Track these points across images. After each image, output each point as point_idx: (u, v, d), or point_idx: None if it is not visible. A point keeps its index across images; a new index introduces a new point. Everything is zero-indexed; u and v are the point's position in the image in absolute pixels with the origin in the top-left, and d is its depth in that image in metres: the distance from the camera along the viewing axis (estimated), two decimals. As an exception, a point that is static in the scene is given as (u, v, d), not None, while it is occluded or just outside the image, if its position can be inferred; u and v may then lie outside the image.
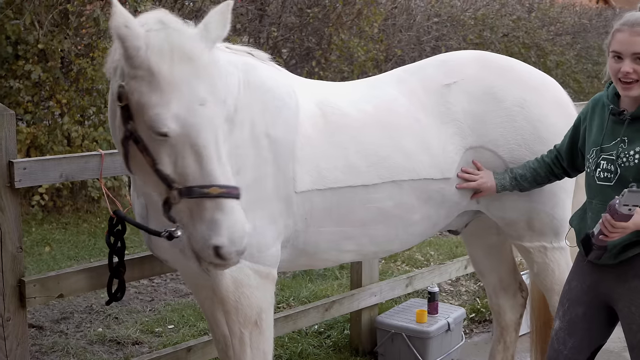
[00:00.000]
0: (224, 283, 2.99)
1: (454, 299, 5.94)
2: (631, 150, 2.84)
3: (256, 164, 2.98)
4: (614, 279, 2.95)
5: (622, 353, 5.14)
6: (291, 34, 9.16)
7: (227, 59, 3.01)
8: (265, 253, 3.02)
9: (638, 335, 2.93)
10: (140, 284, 6.01)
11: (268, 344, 3.11)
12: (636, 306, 2.90)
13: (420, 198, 3.33)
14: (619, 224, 2.68)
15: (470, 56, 3.62)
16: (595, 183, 2.95)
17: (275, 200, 3.02)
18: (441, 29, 11.25)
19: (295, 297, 5.64)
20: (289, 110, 3.10)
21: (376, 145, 3.24)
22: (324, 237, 3.21)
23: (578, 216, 3.09)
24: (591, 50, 14.32)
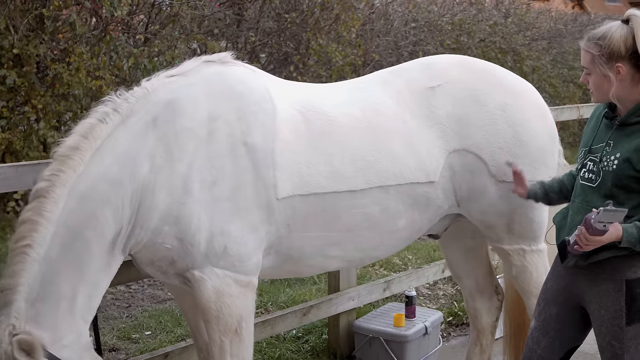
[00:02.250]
0: (206, 293, 2.99)
1: (431, 302, 5.97)
2: (612, 155, 2.88)
3: (234, 174, 2.97)
4: (586, 281, 2.99)
5: (597, 355, 5.18)
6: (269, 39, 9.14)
7: (168, 90, 3.01)
8: (246, 262, 3.03)
9: (607, 337, 2.98)
10: (117, 290, 5.98)
11: (248, 352, 3.13)
12: (605, 309, 2.94)
13: (406, 202, 3.34)
14: (593, 237, 2.73)
15: (453, 60, 3.65)
16: (579, 183, 3.01)
17: (255, 209, 3.02)
18: (419, 34, 11.28)
19: (273, 302, 5.64)
20: (265, 115, 3.09)
21: (364, 150, 3.23)
22: (309, 242, 3.21)
23: (561, 214, 3.12)
24: (567, 55, 14.43)
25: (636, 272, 2.89)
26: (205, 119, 2.97)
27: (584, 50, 2.91)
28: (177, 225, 2.91)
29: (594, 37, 2.88)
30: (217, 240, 2.95)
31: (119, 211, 2.84)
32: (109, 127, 2.91)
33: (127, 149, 2.89)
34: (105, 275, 2.90)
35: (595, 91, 2.93)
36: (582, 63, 2.94)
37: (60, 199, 2.76)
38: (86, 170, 2.82)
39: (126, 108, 2.96)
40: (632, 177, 2.83)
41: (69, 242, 2.77)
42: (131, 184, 2.87)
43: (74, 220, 2.78)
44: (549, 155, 3.60)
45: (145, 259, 3.04)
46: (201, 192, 2.91)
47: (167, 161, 2.92)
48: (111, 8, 5.91)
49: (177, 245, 2.94)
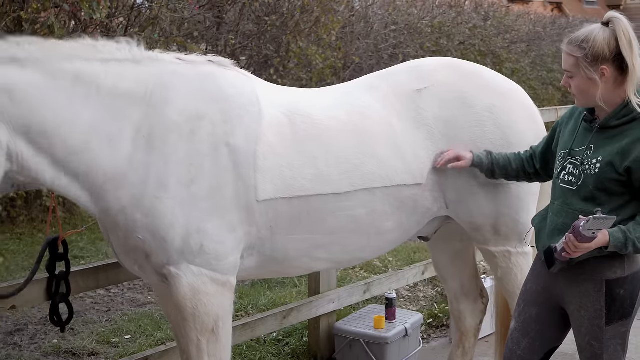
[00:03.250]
0: (182, 290, 2.99)
1: (412, 304, 5.98)
2: (594, 159, 2.88)
3: (214, 173, 2.97)
4: (566, 281, 3.00)
5: (576, 356, 5.21)
6: (249, 42, 9.14)
7: (170, 71, 3.02)
8: (223, 261, 3.03)
9: (587, 338, 3.00)
10: (97, 294, 5.95)
11: (225, 352, 3.12)
12: (585, 309, 2.96)
13: (393, 205, 3.35)
14: (582, 244, 2.74)
15: (441, 62, 3.66)
16: (558, 185, 3.01)
17: (234, 209, 3.02)
18: (398, 36, 11.33)
19: (253, 305, 5.63)
20: (250, 118, 3.10)
21: (349, 153, 3.24)
22: (293, 245, 3.21)
23: (540, 216, 3.13)
24: (545, 58, 14.55)
25: (616, 273, 2.91)
26: (191, 116, 2.98)
27: (567, 54, 2.89)
28: (149, 217, 2.90)
29: (576, 40, 2.87)
30: (193, 237, 2.94)
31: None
32: (120, 54, 2.95)
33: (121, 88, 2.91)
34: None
35: (579, 95, 2.91)
36: (564, 66, 2.91)
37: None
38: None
39: (139, 54, 3.00)
40: (614, 180, 2.84)
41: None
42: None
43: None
44: None
45: (120, 246, 3.03)
46: (178, 189, 2.91)
47: (147, 144, 2.91)
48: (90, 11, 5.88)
49: (149, 239, 2.93)
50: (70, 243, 6.79)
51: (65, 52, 2.83)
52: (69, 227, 7.27)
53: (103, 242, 7.09)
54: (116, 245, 3.07)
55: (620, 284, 2.92)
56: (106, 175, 2.87)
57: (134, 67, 2.96)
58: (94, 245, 7.07)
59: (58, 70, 2.78)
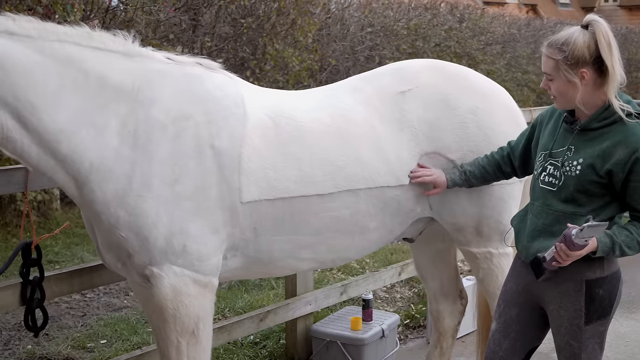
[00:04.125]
0: (163, 290, 2.99)
1: (389, 305, 6.00)
2: (574, 160, 2.90)
3: (198, 174, 2.98)
4: (545, 282, 3.01)
5: (551, 354, 5.25)
6: (225, 44, 9.11)
7: (158, 70, 3.02)
8: (205, 262, 3.03)
9: (566, 337, 3.02)
10: (72, 299, 5.91)
11: (205, 355, 3.12)
12: (565, 309, 2.99)
13: (377, 206, 3.37)
14: (573, 252, 2.76)
15: (424, 64, 3.68)
16: (538, 186, 3.02)
17: (218, 210, 3.03)
18: (375, 38, 11.35)
19: (230, 308, 5.61)
20: (235, 121, 3.11)
21: (333, 154, 3.26)
22: (278, 246, 3.23)
23: (519, 217, 3.16)
24: (520, 59, 14.65)
25: (595, 273, 2.94)
26: (176, 116, 2.99)
27: (547, 56, 2.90)
28: (132, 216, 2.90)
29: (556, 42, 2.87)
30: (176, 238, 2.94)
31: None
32: (114, 46, 2.97)
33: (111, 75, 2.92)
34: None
35: (559, 97, 2.92)
36: (544, 69, 2.92)
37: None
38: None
39: (132, 49, 3.03)
40: (595, 182, 2.86)
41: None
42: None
43: None
44: None
45: (103, 242, 3.02)
46: (161, 189, 2.92)
47: (133, 140, 2.91)
48: (64, 13, 5.84)
49: (132, 238, 2.92)
50: (45, 248, 6.78)
51: (59, 34, 2.84)
52: (44, 231, 7.21)
53: (78, 246, 7.05)
54: (100, 240, 3.05)
55: (599, 284, 2.95)
56: (92, 165, 2.87)
57: (124, 61, 2.97)
58: (69, 249, 7.01)
59: (49, 50, 2.79)
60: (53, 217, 7.83)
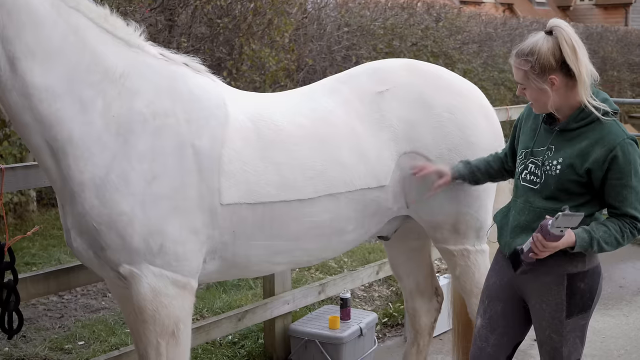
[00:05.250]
0: (142, 291, 2.98)
1: (367, 304, 6.02)
2: (554, 160, 2.96)
3: (177, 173, 2.97)
4: (527, 276, 3.06)
5: (529, 351, 5.31)
6: (202, 45, 9.09)
7: (146, 63, 3.04)
8: (184, 263, 3.02)
9: (547, 331, 3.07)
10: (50, 300, 5.87)
11: (184, 356, 3.11)
12: (547, 303, 3.04)
13: (357, 209, 3.39)
14: (549, 243, 2.80)
15: (399, 64, 3.70)
16: (520, 184, 3.09)
17: (197, 211, 3.02)
18: (351, 38, 11.37)
19: (209, 308, 5.61)
20: (216, 121, 3.11)
21: (313, 159, 3.26)
22: (255, 251, 3.22)
23: (501, 212, 3.22)
24: (497, 59, 14.71)
25: (577, 267, 2.99)
26: (158, 112, 2.99)
27: (515, 67, 2.97)
28: (107, 209, 2.89)
29: (522, 53, 2.93)
30: (153, 237, 2.93)
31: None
32: (120, 33, 3.02)
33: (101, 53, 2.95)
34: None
35: (535, 103, 2.99)
36: (516, 79, 2.99)
37: None
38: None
39: (134, 40, 3.07)
40: (575, 182, 2.92)
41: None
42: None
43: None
44: None
45: (75, 224, 2.99)
46: (139, 185, 2.91)
47: (115, 127, 2.92)
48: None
49: (105, 230, 2.91)
50: (22, 249, 6.74)
51: (80, 3, 2.92)
52: (20, 233, 7.15)
53: (55, 248, 7.01)
54: (71, 221, 3.02)
55: (580, 278, 3.00)
56: (71, 137, 2.87)
57: (122, 48, 3.01)
58: (46, 251, 6.97)
59: (66, 13, 2.86)
60: (29, 219, 7.77)
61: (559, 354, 3.07)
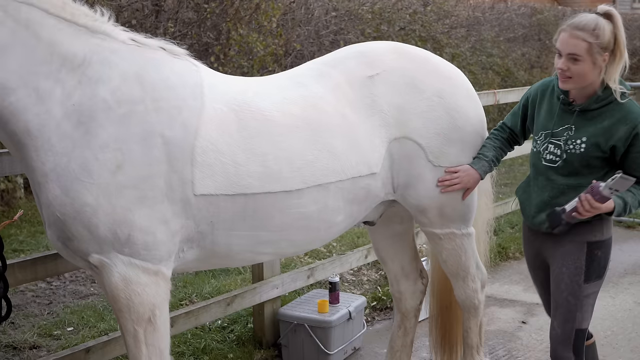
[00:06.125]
0: (113, 281, 2.96)
1: (356, 288, 6.04)
2: (578, 139, 3.23)
3: (145, 162, 2.91)
4: (552, 243, 3.38)
5: (516, 333, 5.35)
6: (189, 30, 9.06)
7: (113, 49, 2.98)
8: (153, 252, 2.98)
9: (565, 293, 3.34)
10: (38, 287, 5.87)
11: (164, 341, 3.09)
12: (567, 267, 3.33)
13: (346, 198, 3.36)
14: (597, 204, 3.06)
15: (388, 47, 3.66)
16: (541, 164, 3.35)
17: (167, 201, 2.97)
18: (339, 23, 11.34)
19: (198, 293, 5.62)
20: (189, 112, 3.03)
21: (302, 149, 3.21)
22: (236, 241, 3.18)
23: (522, 188, 3.52)
24: (485, 43, 14.71)
25: (596, 236, 3.30)
26: (123, 99, 2.92)
27: (578, 39, 3.12)
28: (69, 198, 2.85)
29: (587, 27, 3.12)
30: (120, 227, 2.89)
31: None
32: (82, 20, 2.96)
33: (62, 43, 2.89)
34: None
35: (578, 78, 3.16)
36: (572, 50, 3.13)
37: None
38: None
39: (99, 26, 3.00)
40: (598, 158, 3.22)
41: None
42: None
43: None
44: (480, 139, 3.69)
45: (43, 212, 2.97)
46: (102, 175, 2.85)
47: (77, 116, 2.86)
48: None
49: (69, 221, 2.87)
50: (9, 236, 6.72)
51: None
52: (6, 219, 7.14)
53: (43, 235, 6.99)
54: (41, 212, 3.00)
55: (598, 246, 3.31)
56: (28, 129, 2.83)
57: (84, 35, 2.94)
58: (34, 238, 6.96)
59: (13, 9, 2.79)
60: (17, 205, 7.75)
61: (573, 317, 3.33)
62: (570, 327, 3.34)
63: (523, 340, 5.24)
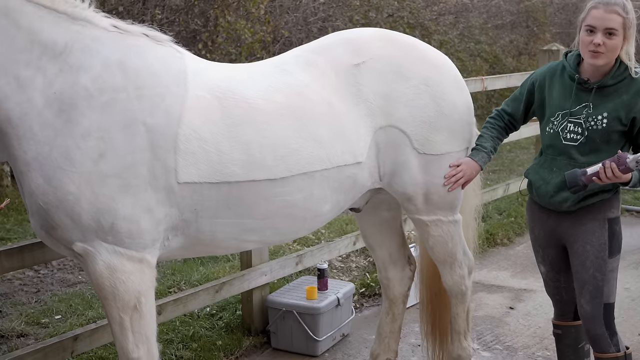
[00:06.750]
0: (98, 269, 2.95)
1: (344, 275, 6.05)
2: (598, 115, 3.32)
3: (128, 151, 2.90)
4: (571, 222, 3.46)
5: (504, 318, 5.38)
6: (176, 16, 9.02)
7: (94, 36, 2.95)
8: (137, 240, 2.97)
9: (591, 270, 3.43)
10: (26, 275, 5.85)
11: (150, 328, 3.08)
12: (591, 244, 3.42)
13: (332, 187, 3.34)
14: (620, 173, 3.13)
15: (374, 34, 3.64)
16: (561, 143, 3.41)
17: (150, 189, 2.95)
18: (327, 9, 11.32)
19: (186, 281, 5.61)
20: (172, 99, 3.01)
21: (287, 137, 3.19)
22: (221, 228, 3.17)
23: (533, 169, 3.55)
24: (473, 30, 14.71)
25: (614, 212, 3.44)
26: (105, 87, 2.89)
27: (615, 13, 3.22)
28: (52, 187, 2.84)
29: (618, 3, 3.25)
30: (104, 216, 2.88)
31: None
32: (62, 7, 2.93)
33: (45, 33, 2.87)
34: None
35: (610, 53, 3.26)
36: (610, 24, 3.22)
37: None
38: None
39: (80, 13, 2.97)
40: (619, 132, 3.32)
41: None
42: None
43: None
44: (467, 126, 3.69)
45: (27, 202, 2.96)
46: (84, 163, 2.84)
47: (58, 104, 2.84)
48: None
49: (52, 210, 2.86)
50: (-4, 225, 6.68)
51: None
52: (-6, 207, 7.10)
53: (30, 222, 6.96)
54: (25, 201, 2.99)
55: (617, 222, 3.45)
56: (9, 118, 2.81)
57: (64, 22, 2.91)
58: (22, 226, 6.93)
59: None
60: (4, 193, 7.71)
61: (600, 292, 3.42)
62: (598, 302, 3.42)
63: (511, 325, 5.26)
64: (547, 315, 5.12)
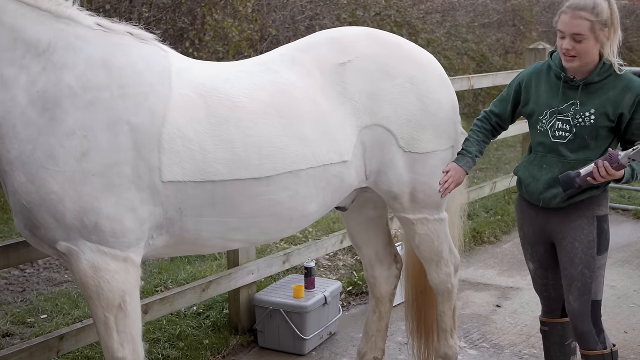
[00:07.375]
0: (82, 268, 2.94)
1: (332, 273, 6.05)
2: (586, 112, 3.34)
3: (111, 150, 2.89)
4: (559, 219, 3.48)
5: (490, 316, 5.40)
6: (163, 14, 8.99)
7: (78, 34, 2.94)
8: (121, 239, 2.96)
9: (579, 267, 3.46)
10: (11, 274, 5.82)
11: (135, 327, 3.07)
12: (579, 241, 3.45)
13: (318, 186, 3.34)
14: (613, 171, 3.16)
15: (360, 33, 3.64)
16: (550, 141, 3.43)
17: (134, 188, 2.94)
18: (315, 8, 11.32)
19: (173, 279, 5.60)
20: (156, 97, 3.00)
21: (272, 135, 3.18)
22: (206, 227, 3.16)
23: (523, 166, 3.56)
24: (460, 28, 14.74)
25: (603, 210, 3.47)
26: (89, 86, 2.88)
27: (580, 18, 3.22)
28: (35, 186, 2.82)
29: (586, 6, 3.23)
30: (87, 215, 2.87)
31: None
32: (45, 4, 2.91)
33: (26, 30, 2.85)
34: None
35: (582, 56, 3.27)
36: (576, 30, 3.23)
37: None
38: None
39: (63, 11, 2.96)
40: (606, 127, 3.34)
41: None
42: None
43: None
44: (452, 125, 3.70)
45: (10, 201, 2.94)
46: (68, 162, 2.83)
47: (41, 103, 2.83)
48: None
49: (35, 210, 2.85)
50: (-19, 223, 6.64)
51: None
52: (-20, 207, 7.06)
53: (16, 221, 6.92)
54: (8, 200, 2.97)
55: (605, 220, 3.47)
56: None
57: (48, 20, 2.90)
58: (7, 225, 6.88)
59: None
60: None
61: (588, 289, 3.44)
62: (586, 299, 3.44)
63: (497, 323, 5.28)
64: (534, 313, 5.14)
